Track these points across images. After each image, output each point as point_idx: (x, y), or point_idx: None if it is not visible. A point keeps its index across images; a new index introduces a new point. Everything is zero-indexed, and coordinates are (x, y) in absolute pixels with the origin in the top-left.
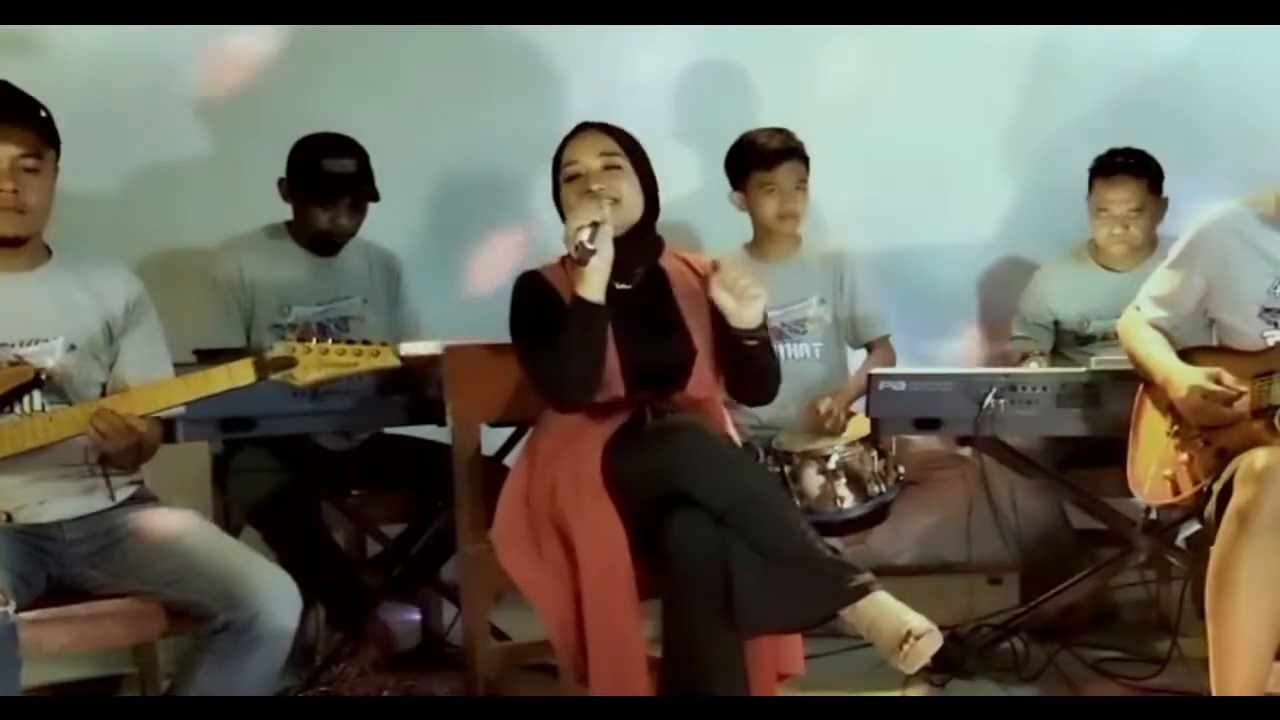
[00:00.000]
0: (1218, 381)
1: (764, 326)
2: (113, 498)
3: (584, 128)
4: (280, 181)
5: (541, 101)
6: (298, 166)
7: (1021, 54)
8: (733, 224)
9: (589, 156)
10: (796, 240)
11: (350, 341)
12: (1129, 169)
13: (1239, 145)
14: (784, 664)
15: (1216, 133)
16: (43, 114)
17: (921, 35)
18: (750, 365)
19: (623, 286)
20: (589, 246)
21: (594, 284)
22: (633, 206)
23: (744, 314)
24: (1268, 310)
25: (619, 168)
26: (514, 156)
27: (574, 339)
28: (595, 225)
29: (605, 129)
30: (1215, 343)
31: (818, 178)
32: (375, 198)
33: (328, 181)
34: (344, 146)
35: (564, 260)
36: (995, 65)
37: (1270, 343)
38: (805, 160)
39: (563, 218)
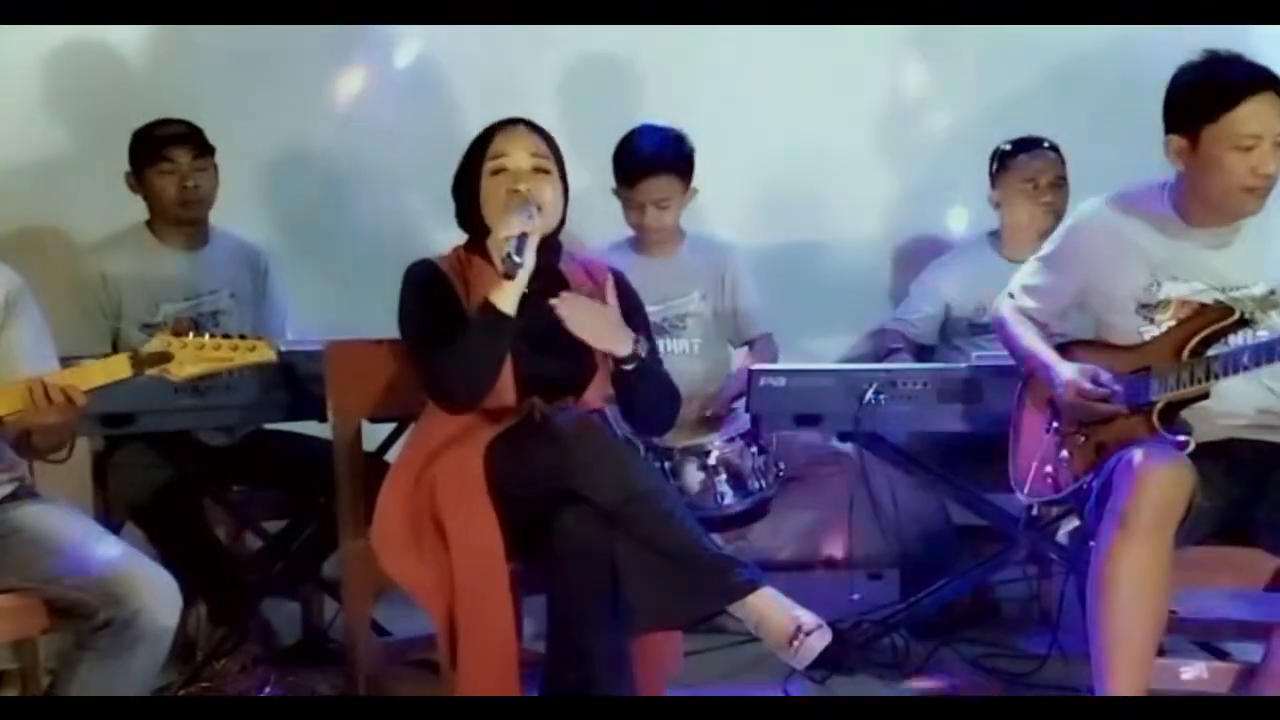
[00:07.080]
0: (1094, 380)
1: (637, 356)
2: None
3: (516, 122)
4: (126, 175)
5: (424, 100)
6: (134, 149)
7: (906, 51)
8: (616, 220)
9: (520, 154)
10: (679, 236)
11: (227, 336)
12: (1042, 144)
13: (1124, 142)
14: (664, 661)
15: (1101, 129)
16: None
17: (804, 33)
18: (631, 393)
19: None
20: (516, 260)
21: (510, 296)
22: (553, 215)
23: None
24: (1144, 306)
25: (547, 172)
26: (393, 155)
27: (477, 345)
28: (524, 236)
29: (537, 129)
30: (1094, 334)
31: (702, 174)
32: (211, 150)
33: (161, 141)
34: (174, 120)
35: (457, 250)
36: (879, 63)
37: (1146, 338)
38: (679, 169)
39: (458, 199)
